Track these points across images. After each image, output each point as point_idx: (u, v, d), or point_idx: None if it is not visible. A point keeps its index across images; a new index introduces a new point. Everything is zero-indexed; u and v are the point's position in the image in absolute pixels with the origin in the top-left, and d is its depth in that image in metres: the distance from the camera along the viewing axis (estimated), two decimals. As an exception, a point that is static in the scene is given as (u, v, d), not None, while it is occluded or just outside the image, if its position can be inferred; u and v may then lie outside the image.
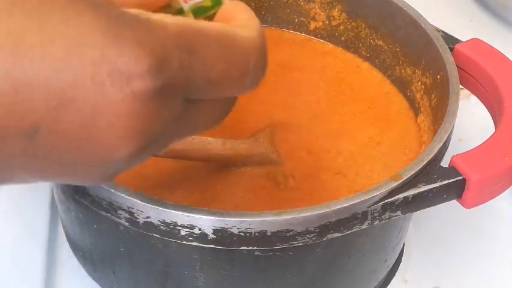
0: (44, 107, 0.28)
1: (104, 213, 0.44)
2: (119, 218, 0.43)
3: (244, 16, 0.35)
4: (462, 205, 0.48)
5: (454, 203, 0.48)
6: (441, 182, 0.46)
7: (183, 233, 0.42)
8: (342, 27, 0.61)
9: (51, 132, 0.29)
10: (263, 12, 0.64)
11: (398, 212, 0.46)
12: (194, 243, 0.43)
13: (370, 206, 0.44)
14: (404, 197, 0.45)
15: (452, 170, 0.46)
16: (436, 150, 0.47)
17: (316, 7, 0.62)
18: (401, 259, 0.59)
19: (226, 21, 0.35)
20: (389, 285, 0.57)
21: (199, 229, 0.42)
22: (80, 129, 0.29)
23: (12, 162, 0.30)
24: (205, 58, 0.31)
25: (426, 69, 0.56)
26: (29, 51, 0.28)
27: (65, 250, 0.57)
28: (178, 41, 0.31)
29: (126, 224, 0.43)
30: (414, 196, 0.45)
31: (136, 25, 0.30)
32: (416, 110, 0.57)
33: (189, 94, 0.32)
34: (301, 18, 0.64)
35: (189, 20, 0.32)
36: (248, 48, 0.33)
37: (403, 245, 0.58)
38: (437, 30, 0.55)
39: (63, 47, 0.28)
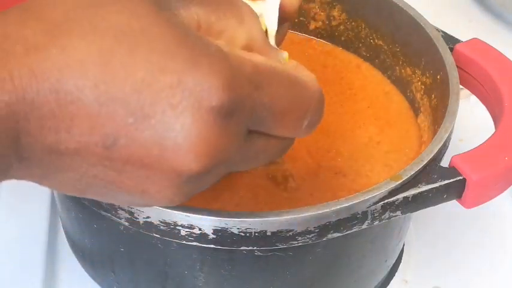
0: (122, 122, 0.32)
1: (104, 213, 0.44)
2: (119, 217, 0.43)
3: (305, 72, 0.38)
4: (462, 205, 0.48)
5: (454, 203, 0.48)
6: (441, 182, 0.46)
7: (183, 233, 0.42)
8: (342, 27, 0.61)
9: (126, 145, 0.32)
10: (263, 12, 0.64)
11: (398, 212, 0.46)
12: (194, 243, 0.43)
13: (370, 206, 0.44)
14: (404, 197, 0.45)
15: (452, 170, 0.46)
16: (436, 150, 0.47)
17: (316, 7, 0.62)
18: (401, 259, 0.59)
19: None
20: (389, 285, 0.57)
21: (199, 229, 0.42)
22: (153, 145, 0.32)
23: (91, 171, 0.33)
24: (272, 93, 0.35)
25: (426, 69, 0.55)
26: (115, 70, 0.31)
27: (65, 250, 0.57)
28: (252, 77, 0.34)
29: (126, 224, 0.43)
30: (414, 196, 0.45)
31: (217, 57, 0.33)
32: (416, 110, 0.57)
33: (251, 125, 0.35)
34: (301, 18, 0.63)
35: (264, 60, 0.35)
36: (311, 91, 0.37)
37: (403, 245, 0.58)
38: (437, 30, 0.55)
39: (146, 71, 0.32)
